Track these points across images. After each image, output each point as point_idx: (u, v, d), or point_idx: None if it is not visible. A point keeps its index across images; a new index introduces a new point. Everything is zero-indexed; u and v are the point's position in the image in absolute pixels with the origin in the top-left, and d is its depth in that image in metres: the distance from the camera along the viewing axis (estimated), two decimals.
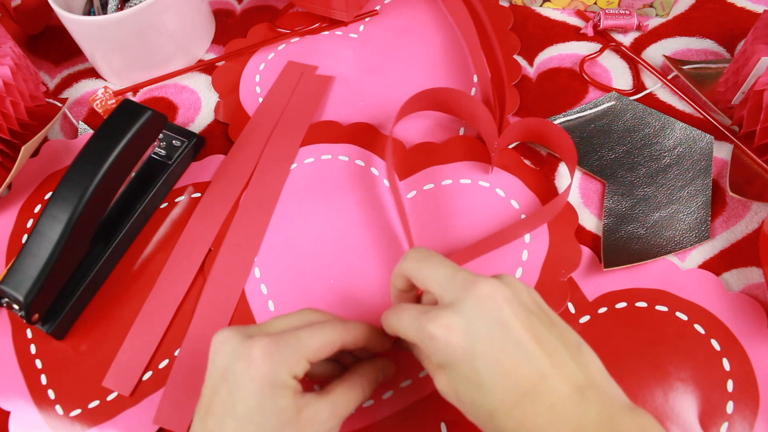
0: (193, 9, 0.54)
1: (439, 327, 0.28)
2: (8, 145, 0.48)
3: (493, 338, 0.27)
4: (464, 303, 0.28)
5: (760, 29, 0.45)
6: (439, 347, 0.28)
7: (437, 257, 0.31)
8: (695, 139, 0.47)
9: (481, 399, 0.28)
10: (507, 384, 0.27)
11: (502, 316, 0.28)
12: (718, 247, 0.43)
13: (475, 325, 0.28)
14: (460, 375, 0.28)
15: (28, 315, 0.39)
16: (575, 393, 0.27)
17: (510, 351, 0.27)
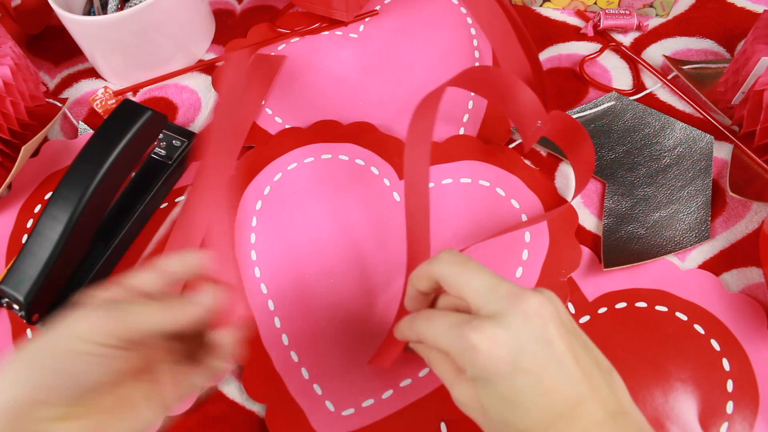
0: (193, 9, 0.54)
1: (483, 338, 0.26)
2: (8, 145, 0.48)
3: (537, 356, 0.26)
4: (510, 317, 0.27)
5: (760, 29, 0.45)
6: (479, 360, 0.26)
7: (475, 264, 0.30)
8: (695, 139, 0.47)
9: (514, 418, 0.26)
10: (545, 404, 0.26)
11: (547, 333, 0.27)
12: (718, 247, 0.43)
13: (520, 340, 0.26)
14: (496, 391, 0.27)
15: (28, 315, 0.39)
16: (609, 419, 0.26)
17: (552, 370, 0.26)
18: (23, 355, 0.27)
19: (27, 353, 0.27)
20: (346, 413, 0.38)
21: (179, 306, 0.30)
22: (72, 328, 0.27)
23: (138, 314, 0.28)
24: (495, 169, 0.47)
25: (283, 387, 0.39)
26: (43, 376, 0.27)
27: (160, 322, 0.29)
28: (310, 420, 0.38)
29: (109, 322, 0.27)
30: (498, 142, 0.49)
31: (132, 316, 0.28)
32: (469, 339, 0.27)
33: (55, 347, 0.27)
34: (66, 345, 0.27)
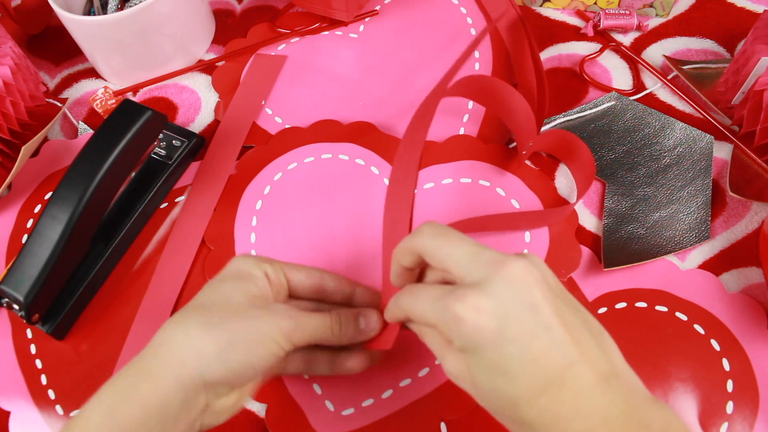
0: (193, 9, 0.54)
1: (467, 308, 0.26)
2: (8, 145, 0.48)
3: (523, 322, 0.26)
4: (493, 284, 0.26)
5: (760, 29, 0.45)
6: (465, 330, 0.26)
7: (456, 233, 0.29)
8: (695, 139, 0.47)
9: (504, 386, 0.26)
10: (534, 371, 0.25)
11: (532, 298, 0.26)
12: (718, 247, 0.43)
13: (505, 307, 0.26)
14: (484, 360, 0.26)
15: (28, 315, 0.39)
16: (601, 382, 0.26)
17: (539, 336, 0.25)
18: (225, 336, 0.30)
19: (229, 336, 0.30)
20: (346, 413, 0.38)
21: (349, 329, 0.33)
22: (268, 330, 0.30)
23: (315, 330, 0.32)
24: (495, 169, 0.47)
25: (283, 387, 0.39)
26: (238, 363, 0.30)
27: (330, 338, 0.33)
28: (310, 420, 0.38)
29: (295, 333, 0.31)
30: (498, 142, 0.49)
31: (311, 330, 0.32)
32: (453, 310, 0.26)
33: (254, 341, 0.30)
34: (262, 342, 0.30)
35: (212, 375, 0.29)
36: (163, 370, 0.29)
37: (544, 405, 0.25)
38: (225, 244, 0.45)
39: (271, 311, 0.32)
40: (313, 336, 0.32)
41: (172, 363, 0.29)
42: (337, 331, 0.33)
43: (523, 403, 0.26)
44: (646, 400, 0.27)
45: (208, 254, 0.45)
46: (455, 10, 0.58)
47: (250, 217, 0.47)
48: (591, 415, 0.25)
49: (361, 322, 0.34)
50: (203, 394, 0.29)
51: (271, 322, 0.31)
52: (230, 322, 0.31)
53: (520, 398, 0.26)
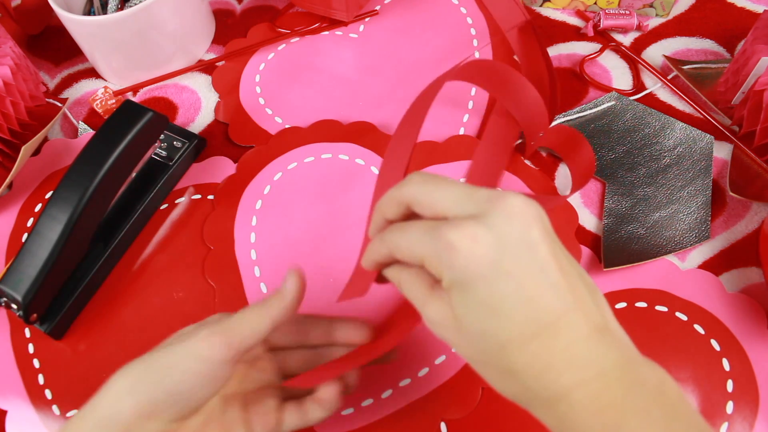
0: (193, 9, 0.54)
1: (463, 236, 0.24)
2: (8, 145, 0.48)
3: (520, 258, 0.24)
4: (491, 216, 0.24)
5: (760, 29, 0.45)
6: (458, 260, 0.24)
7: (448, 179, 0.27)
8: (695, 139, 0.47)
9: (493, 327, 0.24)
10: (527, 312, 0.24)
11: (531, 236, 0.24)
12: (718, 247, 0.43)
13: (502, 240, 0.24)
14: (475, 297, 0.24)
15: (27, 314, 0.39)
16: (595, 333, 0.24)
17: (535, 276, 0.24)
18: (137, 368, 0.29)
19: (141, 365, 0.29)
20: (346, 413, 0.38)
21: (271, 301, 0.31)
22: (185, 347, 0.29)
23: (240, 320, 0.30)
24: None
25: None
26: (151, 391, 0.28)
27: (260, 323, 0.30)
28: None
29: (216, 336, 0.29)
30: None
31: (234, 323, 0.30)
32: (447, 237, 0.24)
33: (168, 364, 0.29)
34: (178, 363, 0.29)
35: (125, 409, 0.28)
36: (85, 415, 0.28)
37: (535, 351, 0.24)
38: (225, 243, 0.45)
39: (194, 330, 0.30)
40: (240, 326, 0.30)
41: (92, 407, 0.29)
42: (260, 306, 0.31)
43: (513, 347, 0.24)
44: (639, 357, 0.26)
45: (208, 254, 0.45)
46: (455, 10, 0.58)
47: (250, 217, 0.46)
48: (585, 367, 0.24)
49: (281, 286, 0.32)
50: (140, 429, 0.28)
51: (191, 337, 0.29)
52: (154, 353, 0.30)
53: (510, 341, 0.24)
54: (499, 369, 0.25)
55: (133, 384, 0.28)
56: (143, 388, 0.28)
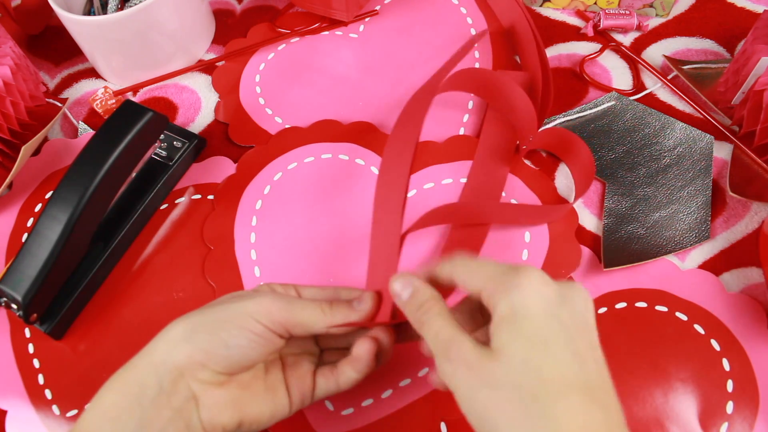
0: (193, 9, 0.54)
1: (532, 279, 0.27)
2: (8, 145, 0.48)
3: (575, 319, 0.27)
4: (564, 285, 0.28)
5: (760, 29, 0.45)
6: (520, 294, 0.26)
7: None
8: (695, 139, 0.47)
9: (538, 358, 0.25)
10: (572, 363, 0.25)
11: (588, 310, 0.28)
12: (718, 247, 0.43)
13: (565, 299, 0.27)
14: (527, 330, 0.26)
15: (27, 315, 0.39)
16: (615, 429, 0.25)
17: (585, 343, 0.26)
18: (194, 318, 0.31)
19: (198, 317, 0.31)
20: (346, 413, 0.38)
21: (340, 312, 0.32)
22: (244, 307, 0.30)
23: (305, 311, 0.32)
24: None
25: None
26: (207, 342, 0.30)
27: (320, 322, 0.32)
28: (310, 419, 0.38)
29: (277, 309, 0.31)
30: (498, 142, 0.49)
31: (299, 312, 0.31)
32: (518, 275, 0.27)
33: (224, 318, 0.30)
34: (234, 319, 0.30)
35: (179, 354, 0.29)
36: (139, 360, 0.30)
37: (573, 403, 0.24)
38: (225, 243, 0.45)
39: (253, 293, 0.32)
40: (301, 315, 0.31)
41: (146, 353, 0.30)
42: (327, 310, 0.32)
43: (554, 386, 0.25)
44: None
45: (207, 254, 0.45)
46: (455, 10, 0.58)
47: (250, 217, 0.46)
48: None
49: (355, 302, 0.33)
50: (182, 380, 0.29)
51: (249, 300, 0.31)
52: (206, 309, 0.31)
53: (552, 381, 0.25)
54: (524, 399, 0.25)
55: (189, 332, 0.30)
56: (200, 336, 0.30)
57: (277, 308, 0.31)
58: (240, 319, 0.30)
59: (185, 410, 0.29)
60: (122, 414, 0.28)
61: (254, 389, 0.32)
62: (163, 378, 0.29)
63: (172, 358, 0.29)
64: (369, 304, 0.33)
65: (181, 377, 0.29)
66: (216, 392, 0.30)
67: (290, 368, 0.33)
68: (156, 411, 0.29)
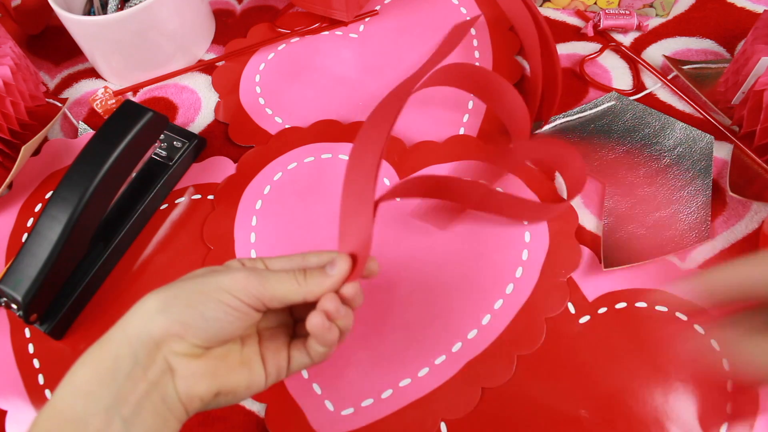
0: (193, 9, 0.54)
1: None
2: (8, 145, 0.48)
3: None
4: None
5: (760, 29, 0.45)
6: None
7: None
8: (695, 139, 0.47)
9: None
10: None
11: None
12: (718, 247, 0.43)
13: None
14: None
15: (27, 315, 0.39)
16: None
17: None
18: (168, 291, 0.30)
19: (173, 290, 0.30)
20: (346, 413, 0.38)
21: (315, 280, 0.32)
22: (218, 281, 0.30)
23: (279, 283, 0.31)
24: (495, 168, 0.47)
25: (283, 386, 0.39)
26: (183, 314, 0.29)
27: (296, 293, 0.31)
28: (310, 420, 0.38)
29: (252, 284, 0.30)
30: (498, 142, 0.49)
31: (274, 284, 0.31)
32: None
33: (200, 291, 0.30)
34: (210, 292, 0.30)
35: (155, 327, 0.29)
36: (113, 334, 0.30)
37: None
38: (225, 243, 0.45)
39: (225, 268, 0.32)
40: (276, 288, 0.31)
41: (120, 326, 0.30)
42: (302, 280, 0.32)
43: None
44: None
45: (207, 254, 0.45)
46: (455, 10, 0.58)
47: (250, 217, 0.46)
48: None
49: (327, 268, 0.32)
50: (158, 352, 0.29)
51: (223, 275, 0.30)
52: (181, 283, 0.31)
53: None
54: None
55: (163, 304, 0.30)
56: (175, 309, 0.29)
57: (251, 283, 0.30)
58: (216, 293, 0.30)
59: (161, 382, 0.29)
60: (96, 389, 0.28)
61: (230, 362, 0.31)
62: (139, 351, 0.29)
63: (147, 331, 0.29)
64: (343, 268, 0.32)
65: (157, 349, 0.29)
66: (192, 363, 0.30)
67: (266, 341, 0.33)
68: (131, 384, 0.28)
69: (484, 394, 0.38)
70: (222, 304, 0.30)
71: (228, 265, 0.33)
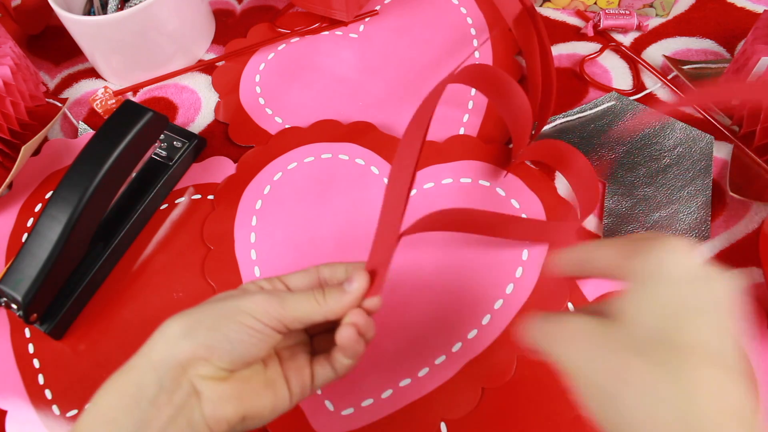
0: (193, 9, 0.54)
1: (676, 245, 0.23)
2: (8, 145, 0.48)
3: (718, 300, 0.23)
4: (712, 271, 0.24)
5: (760, 29, 0.45)
6: (662, 262, 0.23)
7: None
8: (695, 139, 0.47)
9: (670, 327, 0.22)
10: (714, 338, 0.22)
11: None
12: (718, 247, 0.43)
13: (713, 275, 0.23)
14: (663, 296, 0.23)
15: (27, 315, 0.39)
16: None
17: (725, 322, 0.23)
18: (191, 316, 0.30)
19: (195, 315, 0.30)
20: (346, 413, 0.38)
21: (334, 298, 0.32)
22: (239, 305, 0.30)
23: (299, 304, 0.31)
24: (495, 169, 0.47)
25: None
26: (208, 337, 0.29)
27: (317, 312, 0.32)
28: (310, 420, 0.38)
29: (272, 306, 0.31)
30: (498, 142, 0.49)
31: (293, 305, 0.31)
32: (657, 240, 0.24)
33: (222, 315, 0.30)
34: (232, 315, 0.30)
35: (181, 351, 0.29)
36: (137, 360, 0.30)
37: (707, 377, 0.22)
38: (225, 243, 0.45)
39: (245, 291, 0.32)
40: (296, 308, 0.31)
41: (144, 352, 0.30)
42: (321, 299, 0.32)
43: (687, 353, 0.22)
44: None
45: (207, 254, 0.45)
46: (455, 10, 0.58)
47: (250, 217, 0.46)
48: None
49: (345, 284, 0.32)
50: (184, 377, 0.29)
51: (244, 299, 0.31)
52: (202, 307, 0.31)
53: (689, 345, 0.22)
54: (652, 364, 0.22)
55: (188, 329, 0.30)
56: (199, 333, 0.30)
57: (272, 305, 0.31)
58: (238, 315, 0.30)
59: (187, 406, 0.29)
60: (120, 415, 0.28)
61: (255, 384, 0.31)
62: (164, 376, 0.29)
63: (173, 355, 0.29)
64: (362, 284, 0.32)
65: (183, 373, 0.29)
66: (218, 386, 0.30)
67: (287, 361, 0.33)
68: (155, 410, 0.28)
69: (484, 394, 0.38)
70: (245, 327, 0.30)
71: (244, 288, 0.33)
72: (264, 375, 0.32)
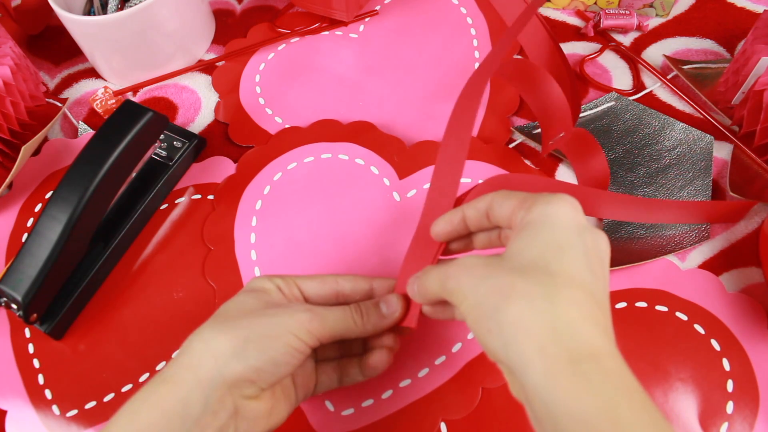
0: (193, 9, 0.54)
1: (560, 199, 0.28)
2: (8, 145, 0.48)
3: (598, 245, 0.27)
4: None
5: (760, 29, 0.45)
6: (545, 209, 0.27)
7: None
8: (695, 139, 0.47)
9: (548, 257, 0.26)
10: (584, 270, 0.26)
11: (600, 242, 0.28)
12: (718, 247, 0.43)
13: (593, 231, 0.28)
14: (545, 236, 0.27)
15: (27, 315, 0.39)
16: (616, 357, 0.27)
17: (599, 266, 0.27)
18: (237, 332, 0.30)
19: (241, 331, 0.30)
20: (346, 413, 0.38)
21: (372, 320, 0.33)
22: (285, 324, 0.31)
23: (338, 323, 0.32)
24: (495, 169, 0.47)
25: None
26: (258, 360, 0.29)
27: (353, 331, 0.33)
28: (310, 420, 0.38)
29: (314, 325, 0.31)
30: (498, 142, 0.49)
31: (333, 324, 0.32)
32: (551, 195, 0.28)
33: (269, 335, 0.30)
34: (279, 336, 0.30)
35: (231, 373, 0.29)
36: (182, 374, 0.29)
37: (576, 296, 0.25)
38: (225, 244, 0.45)
39: (287, 308, 0.32)
40: (334, 327, 0.32)
41: (190, 366, 0.29)
42: (359, 319, 0.33)
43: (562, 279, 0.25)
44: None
45: (207, 254, 0.45)
46: (455, 10, 0.58)
47: (250, 217, 0.47)
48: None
49: (382, 306, 0.33)
50: (228, 396, 0.29)
51: (287, 316, 0.31)
52: (245, 321, 0.31)
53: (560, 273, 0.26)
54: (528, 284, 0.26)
55: (238, 348, 0.29)
56: (250, 354, 0.29)
57: (314, 324, 0.31)
58: (284, 336, 0.30)
59: (227, 426, 0.29)
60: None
61: (279, 397, 0.32)
62: (210, 395, 0.28)
63: (222, 375, 0.29)
64: (399, 309, 0.33)
65: (229, 394, 0.29)
66: (255, 405, 0.30)
67: (298, 369, 0.34)
68: (199, 429, 0.28)
69: (484, 394, 0.38)
70: (290, 348, 0.30)
71: (265, 289, 0.33)
72: (282, 385, 0.32)
